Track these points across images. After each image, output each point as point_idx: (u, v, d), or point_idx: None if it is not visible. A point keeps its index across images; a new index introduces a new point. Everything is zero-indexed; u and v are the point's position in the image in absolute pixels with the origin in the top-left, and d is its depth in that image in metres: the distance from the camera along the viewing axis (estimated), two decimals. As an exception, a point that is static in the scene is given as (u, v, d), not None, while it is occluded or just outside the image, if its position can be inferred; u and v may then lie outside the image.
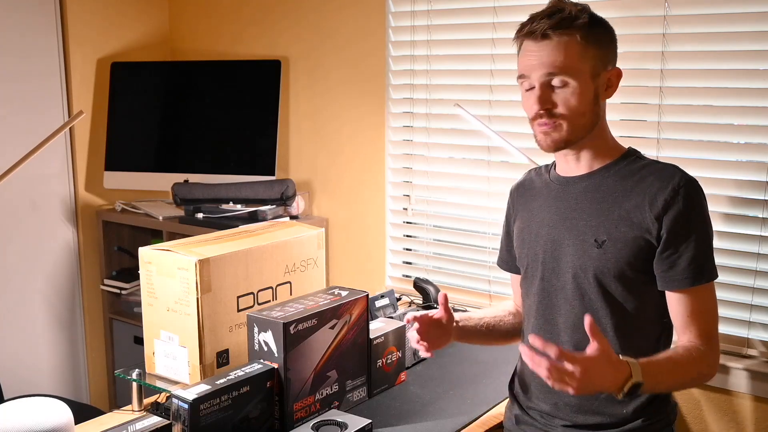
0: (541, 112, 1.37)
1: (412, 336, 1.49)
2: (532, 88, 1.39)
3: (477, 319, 1.62)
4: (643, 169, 1.40)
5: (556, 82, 1.35)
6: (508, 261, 1.67)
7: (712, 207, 1.95)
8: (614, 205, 1.38)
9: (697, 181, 1.37)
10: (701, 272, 1.35)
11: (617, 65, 1.44)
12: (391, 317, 1.84)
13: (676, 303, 1.38)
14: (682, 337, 1.39)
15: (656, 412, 1.41)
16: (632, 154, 1.45)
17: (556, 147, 1.41)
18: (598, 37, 1.38)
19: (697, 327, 1.37)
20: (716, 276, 1.37)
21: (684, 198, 1.34)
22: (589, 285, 1.39)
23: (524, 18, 1.41)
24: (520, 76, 1.41)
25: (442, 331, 1.52)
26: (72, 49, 2.88)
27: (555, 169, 1.52)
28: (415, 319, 1.48)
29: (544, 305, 1.47)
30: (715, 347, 1.38)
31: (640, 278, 1.38)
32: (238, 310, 1.59)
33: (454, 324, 1.54)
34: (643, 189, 1.37)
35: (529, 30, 1.37)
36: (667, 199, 1.34)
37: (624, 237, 1.36)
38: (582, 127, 1.39)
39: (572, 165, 1.46)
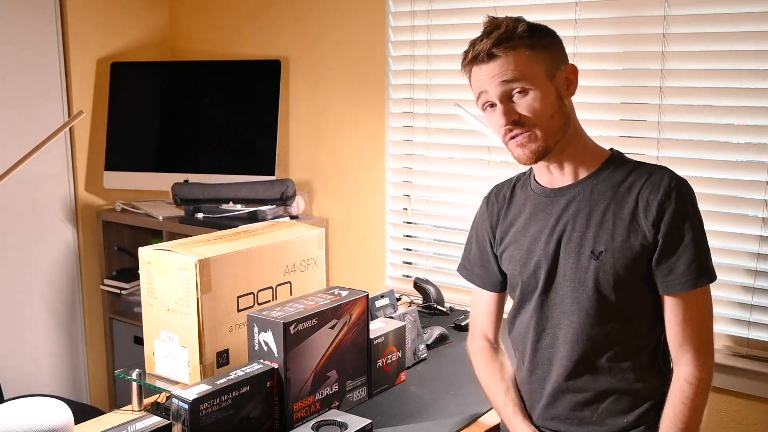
0: (509, 126, 1.35)
1: None
2: (494, 106, 1.37)
3: (520, 397, 1.53)
4: (631, 174, 1.38)
5: (515, 92, 1.34)
6: (483, 277, 1.58)
7: (712, 207, 1.96)
8: (607, 214, 1.36)
9: (687, 181, 1.35)
10: (701, 274, 1.33)
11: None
12: (391, 317, 1.84)
13: (674, 307, 1.35)
14: (676, 353, 1.36)
15: (657, 417, 1.41)
16: (617, 158, 1.42)
17: (537, 157, 1.37)
18: (543, 40, 1.36)
19: (691, 333, 1.35)
20: (715, 277, 1.36)
21: (676, 200, 1.32)
22: (588, 298, 1.37)
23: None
24: (479, 96, 1.38)
25: None
26: (72, 49, 2.88)
27: (535, 180, 1.48)
28: None
29: (543, 321, 1.44)
30: (708, 356, 1.36)
31: (639, 286, 1.36)
32: (238, 310, 1.59)
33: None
34: (635, 195, 1.35)
35: (473, 55, 1.36)
36: (660, 202, 1.32)
37: (621, 246, 1.34)
38: (555, 130, 1.36)
39: (556, 175, 1.43)
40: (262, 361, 1.47)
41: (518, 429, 1.47)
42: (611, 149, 1.45)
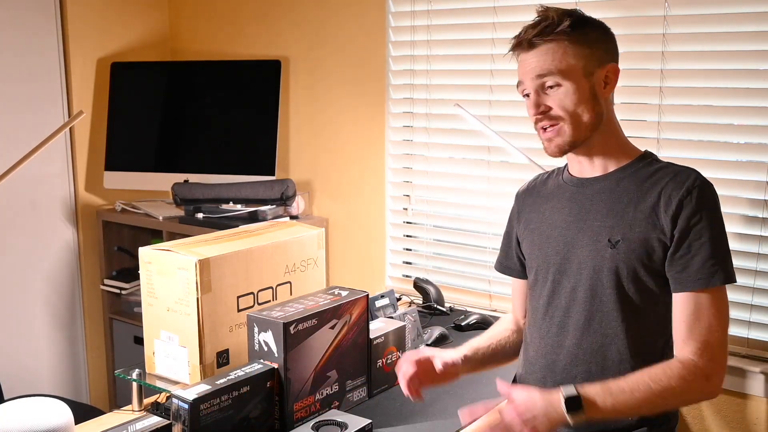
0: (539, 116, 1.40)
1: (403, 377, 1.45)
2: (528, 95, 1.42)
3: (485, 348, 1.60)
4: (659, 171, 1.40)
5: (549, 84, 1.38)
6: (507, 265, 1.66)
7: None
8: (630, 206, 1.38)
9: (711, 185, 1.37)
10: (715, 273, 1.30)
11: (618, 62, 1.45)
12: (391, 317, 1.84)
13: (683, 304, 1.32)
14: (682, 349, 1.33)
15: (660, 418, 1.41)
16: (648, 157, 1.45)
17: (562, 151, 1.42)
18: (587, 37, 1.39)
19: (698, 333, 1.31)
20: (733, 279, 1.32)
21: (697, 198, 1.33)
22: (601, 286, 1.38)
23: (524, 18, 1.42)
24: (518, 84, 1.45)
25: (445, 372, 1.50)
26: (72, 49, 2.88)
27: (568, 170, 1.53)
28: (416, 363, 1.45)
29: (554, 307, 1.46)
30: (715, 358, 1.30)
31: (652, 281, 1.37)
32: (238, 310, 1.59)
33: (461, 360, 1.52)
34: (658, 190, 1.37)
35: (516, 42, 1.41)
36: (681, 199, 1.34)
37: (638, 237, 1.35)
38: (585, 127, 1.39)
39: (586, 167, 1.47)
40: (262, 361, 1.47)
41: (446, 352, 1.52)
42: (645, 150, 1.48)
